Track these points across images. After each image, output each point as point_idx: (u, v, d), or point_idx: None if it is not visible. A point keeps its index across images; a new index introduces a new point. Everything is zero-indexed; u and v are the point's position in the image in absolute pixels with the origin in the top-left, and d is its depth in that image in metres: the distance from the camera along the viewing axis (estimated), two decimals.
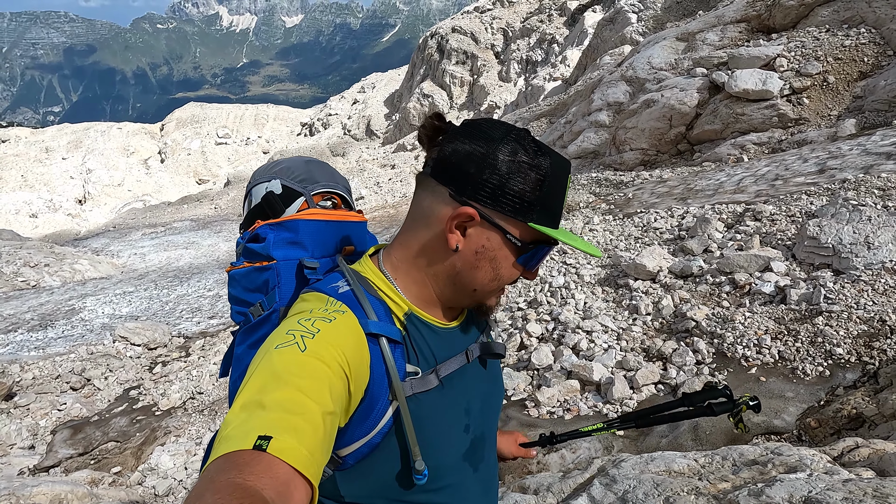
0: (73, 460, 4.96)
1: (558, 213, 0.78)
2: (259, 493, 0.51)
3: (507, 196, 0.75)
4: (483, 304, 0.84)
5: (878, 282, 3.74)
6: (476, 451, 0.89)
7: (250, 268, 0.90)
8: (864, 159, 6.14)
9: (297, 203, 0.95)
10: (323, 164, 1.03)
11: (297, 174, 0.97)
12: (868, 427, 2.69)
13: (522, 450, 1.20)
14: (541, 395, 3.90)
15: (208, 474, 0.53)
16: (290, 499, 0.54)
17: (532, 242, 0.78)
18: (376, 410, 0.75)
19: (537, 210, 0.76)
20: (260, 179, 0.98)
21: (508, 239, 0.77)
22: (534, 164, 0.75)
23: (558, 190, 0.77)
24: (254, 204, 0.96)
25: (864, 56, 8.77)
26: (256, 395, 0.62)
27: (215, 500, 0.49)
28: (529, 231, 0.77)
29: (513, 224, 0.76)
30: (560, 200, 0.78)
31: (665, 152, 10.69)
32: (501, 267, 0.79)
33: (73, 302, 12.08)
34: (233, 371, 0.90)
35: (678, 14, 16.94)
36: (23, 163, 45.86)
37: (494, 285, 0.81)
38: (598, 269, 5.62)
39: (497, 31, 34.19)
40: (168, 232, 23.25)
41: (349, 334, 0.72)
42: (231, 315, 0.94)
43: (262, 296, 0.89)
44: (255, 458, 0.54)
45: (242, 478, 0.52)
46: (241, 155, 48.00)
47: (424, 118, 0.81)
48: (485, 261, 0.78)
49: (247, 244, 0.92)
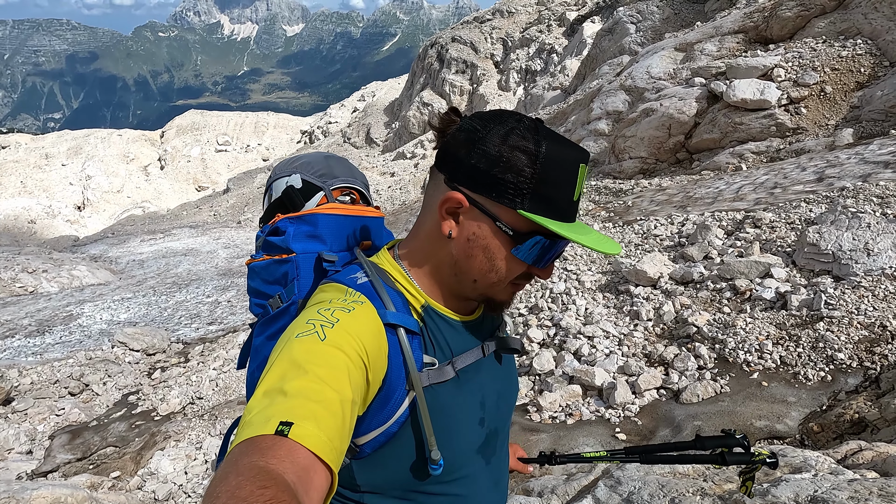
0: (72, 465, 4.93)
1: (561, 203, 0.73)
2: (281, 477, 0.52)
3: (496, 181, 0.72)
4: (491, 299, 0.81)
5: (878, 288, 3.76)
6: (490, 444, 0.89)
7: (270, 260, 0.91)
8: (862, 168, 6.20)
9: (317, 197, 0.97)
10: (342, 159, 1.05)
11: (317, 169, 0.99)
12: (871, 431, 2.69)
13: (520, 464, 1.19)
14: (543, 399, 3.90)
15: (232, 457, 0.55)
16: (311, 483, 0.55)
17: (528, 233, 0.73)
18: (393, 400, 0.76)
19: (530, 197, 0.71)
20: (280, 174, 0.99)
21: (499, 227, 0.73)
22: (527, 149, 0.71)
23: (560, 179, 0.72)
24: (274, 198, 0.98)
25: (860, 67, 8.87)
26: (278, 382, 0.63)
27: (239, 482, 0.50)
28: (523, 220, 0.73)
29: (504, 211, 0.73)
30: (563, 190, 0.73)
31: (664, 161, 10.76)
32: (496, 258, 0.76)
33: (71, 308, 12.04)
34: (251, 362, 0.91)
35: (676, 25, 17.13)
36: (22, 169, 45.91)
37: (494, 277, 0.77)
38: (598, 276, 5.63)
39: (496, 40, 34.49)
40: (167, 238, 23.23)
41: (367, 324, 0.73)
42: (250, 307, 0.95)
43: (280, 288, 0.90)
44: (277, 442, 0.56)
45: (265, 461, 0.53)
46: (240, 162, 48.12)
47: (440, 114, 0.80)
48: (478, 249, 0.76)
49: (267, 237, 0.94)
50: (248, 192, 33.23)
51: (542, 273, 0.79)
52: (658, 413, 3.48)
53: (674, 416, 3.37)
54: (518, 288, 0.82)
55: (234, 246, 20.51)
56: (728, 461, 0.91)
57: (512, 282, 0.79)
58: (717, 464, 0.92)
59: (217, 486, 0.50)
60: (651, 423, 3.41)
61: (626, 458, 1.04)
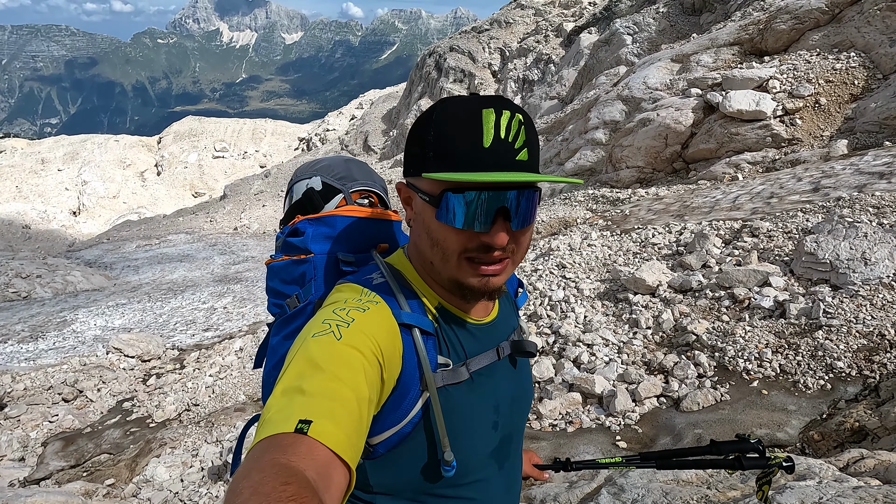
0: (65, 472, 4.86)
1: (465, 153, 0.69)
2: (302, 474, 0.53)
3: (410, 157, 0.77)
4: (460, 283, 0.77)
5: (875, 297, 3.79)
6: (503, 449, 0.89)
7: (288, 260, 0.93)
8: (858, 178, 6.26)
9: (336, 200, 0.98)
10: (362, 163, 1.07)
11: (337, 172, 1.00)
12: (871, 440, 2.70)
13: (535, 470, 1.19)
14: (543, 407, 3.89)
15: (253, 454, 0.55)
16: (330, 480, 0.56)
17: (441, 194, 0.71)
18: (407, 400, 0.76)
19: (430, 159, 0.72)
20: (301, 176, 1.01)
21: (422, 199, 0.74)
22: (426, 118, 0.74)
23: (457, 130, 0.69)
24: (294, 199, 1.00)
25: (854, 79, 9.00)
26: (296, 381, 0.64)
27: (261, 478, 0.51)
28: (433, 183, 0.72)
29: (419, 181, 0.75)
30: (462, 140, 0.69)
31: (661, 170, 10.84)
32: (431, 230, 0.75)
33: (65, 314, 11.94)
34: (267, 361, 0.92)
35: (672, 36, 17.34)
36: (18, 174, 45.70)
37: (438, 253, 0.75)
38: (597, 284, 5.65)
39: (494, 50, 34.77)
40: (162, 244, 23.12)
41: (382, 324, 0.74)
42: (267, 307, 0.96)
43: (298, 288, 0.91)
44: (297, 440, 0.56)
45: (286, 458, 0.54)
46: (237, 169, 48.09)
47: None
48: (420, 226, 0.78)
49: (286, 238, 0.95)
50: (245, 198, 33.17)
51: (487, 238, 0.72)
52: (658, 421, 3.47)
53: (674, 424, 3.36)
54: (480, 268, 0.75)
55: (231, 252, 20.42)
56: (745, 465, 0.91)
57: (468, 258, 0.75)
58: (734, 468, 0.92)
59: (240, 483, 0.51)
60: (652, 431, 3.41)
61: (642, 463, 1.04)
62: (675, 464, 1.00)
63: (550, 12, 34.04)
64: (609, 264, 6.09)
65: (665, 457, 1.02)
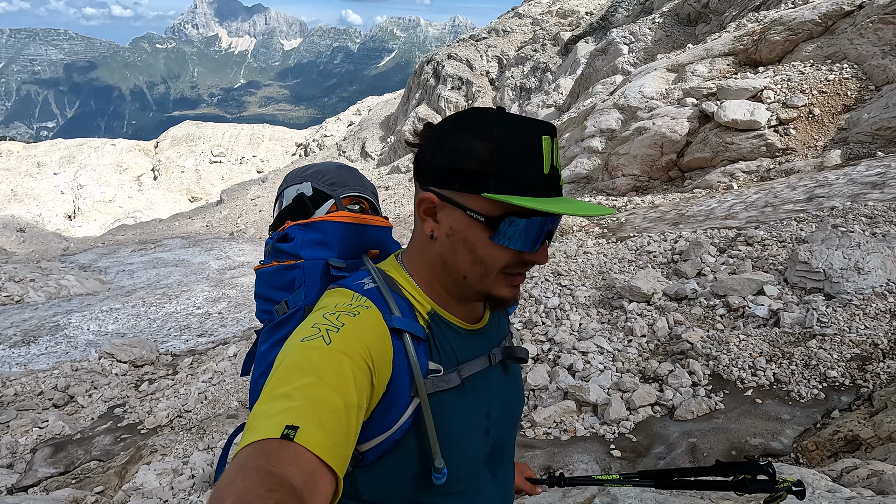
0: (54, 479, 4.79)
1: (529, 179, 0.71)
2: (287, 481, 0.52)
3: (458, 172, 0.73)
4: (490, 295, 0.79)
5: (868, 306, 3.80)
6: (495, 457, 0.88)
7: (278, 266, 0.92)
8: (851, 188, 6.31)
9: (327, 205, 0.98)
10: (353, 169, 1.07)
11: (328, 178, 1.00)
12: (865, 449, 2.70)
13: (528, 485, 1.18)
14: (537, 415, 3.87)
15: (238, 461, 0.54)
16: (316, 488, 0.55)
17: (501, 216, 0.72)
18: (398, 406, 0.76)
19: (493, 180, 0.71)
20: (292, 182, 1.01)
21: (471, 216, 0.73)
22: (482, 134, 0.73)
23: (521, 155, 0.71)
24: (284, 205, 0.99)
25: (847, 90, 9.09)
26: (283, 386, 0.63)
27: (246, 485, 0.50)
28: (491, 204, 0.72)
29: (471, 199, 0.73)
30: (527, 165, 0.71)
31: (657, 178, 10.89)
32: (478, 248, 0.75)
33: (58, 318, 11.84)
34: (255, 368, 0.91)
35: (668, 47, 17.50)
36: (13, 177, 45.50)
37: (480, 269, 0.76)
38: (592, 291, 5.65)
39: (492, 58, 35.01)
40: (158, 249, 23.02)
41: (373, 329, 0.73)
42: (256, 313, 0.95)
43: (287, 294, 0.90)
44: (283, 447, 0.55)
45: (271, 465, 0.53)
46: (235, 174, 48.05)
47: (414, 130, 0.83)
48: (459, 243, 0.76)
49: (276, 243, 0.94)
50: (242, 203, 33.13)
51: (535, 257, 0.77)
52: (653, 430, 3.46)
53: (669, 433, 3.35)
54: (516, 280, 0.79)
55: (226, 257, 20.35)
56: (750, 489, 0.86)
57: (505, 272, 0.77)
58: (739, 491, 0.86)
59: (224, 490, 0.50)
60: (646, 439, 3.39)
61: (640, 482, 1.02)
62: (675, 484, 0.96)
63: (548, 21, 34.34)
64: (604, 272, 6.10)
65: (665, 476, 0.98)
